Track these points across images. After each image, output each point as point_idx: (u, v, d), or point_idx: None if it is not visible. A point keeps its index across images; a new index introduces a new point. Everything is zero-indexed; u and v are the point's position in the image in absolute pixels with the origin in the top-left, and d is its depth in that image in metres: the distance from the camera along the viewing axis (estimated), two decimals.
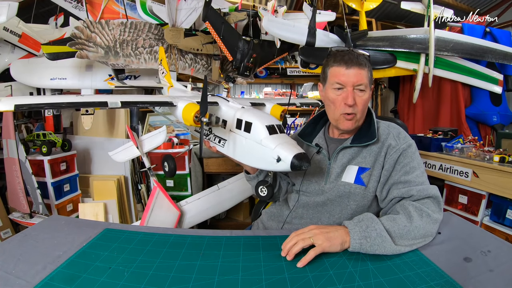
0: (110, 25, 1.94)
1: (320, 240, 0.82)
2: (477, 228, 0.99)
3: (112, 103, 1.04)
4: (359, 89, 1.02)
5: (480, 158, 1.87)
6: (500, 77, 2.54)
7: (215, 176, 2.82)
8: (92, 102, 1.04)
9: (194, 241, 0.93)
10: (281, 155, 0.94)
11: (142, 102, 1.14)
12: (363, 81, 1.01)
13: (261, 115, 1.08)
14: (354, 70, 1.00)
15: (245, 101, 1.41)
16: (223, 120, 1.18)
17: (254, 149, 1.03)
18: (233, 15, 2.19)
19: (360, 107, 1.04)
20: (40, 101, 0.97)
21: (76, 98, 1.05)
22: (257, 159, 1.04)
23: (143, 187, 2.62)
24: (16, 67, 2.34)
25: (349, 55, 1.02)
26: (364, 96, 1.03)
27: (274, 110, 1.48)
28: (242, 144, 1.07)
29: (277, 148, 0.96)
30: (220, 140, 1.19)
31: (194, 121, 1.05)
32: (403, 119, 3.09)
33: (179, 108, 1.13)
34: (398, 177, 1.00)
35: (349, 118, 1.05)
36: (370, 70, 1.05)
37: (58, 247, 0.88)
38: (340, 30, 2.33)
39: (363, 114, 1.07)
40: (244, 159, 1.10)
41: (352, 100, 1.01)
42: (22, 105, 0.91)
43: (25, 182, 2.26)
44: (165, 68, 1.80)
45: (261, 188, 1.12)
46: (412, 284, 0.70)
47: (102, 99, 1.05)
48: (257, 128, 1.02)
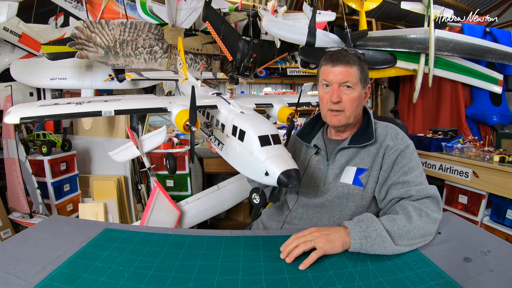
0: (110, 25, 1.95)
1: (321, 242, 0.82)
2: (477, 228, 0.99)
3: (106, 112, 1.08)
4: (345, 86, 1.03)
5: (480, 158, 1.87)
6: (500, 77, 2.54)
7: (215, 176, 2.82)
8: (87, 112, 1.08)
9: (194, 241, 0.93)
10: (269, 170, 0.92)
11: (135, 110, 1.16)
12: (349, 79, 1.02)
13: (256, 123, 1.05)
14: (340, 68, 1.03)
15: (250, 101, 1.37)
16: (221, 124, 1.17)
17: (246, 158, 1.01)
18: (233, 15, 2.19)
19: (348, 105, 1.04)
20: (42, 113, 1.05)
21: (72, 108, 1.10)
22: (248, 169, 1.03)
23: (143, 187, 2.62)
24: (16, 67, 2.34)
25: (338, 54, 1.04)
26: (352, 93, 1.04)
27: (282, 112, 1.42)
28: (236, 151, 1.06)
29: (266, 162, 0.93)
30: (219, 143, 1.19)
31: (184, 128, 1.06)
32: (403, 119, 3.10)
33: (172, 114, 1.13)
34: (396, 177, 1.00)
35: (336, 114, 1.06)
36: (362, 68, 1.05)
37: (58, 247, 0.88)
38: (340, 30, 2.33)
39: (353, 112, 1.06)
40: (237, 166, 1.09)
41: (337, 97, 1.03)
42: (27, 118, 1.03)
43: (25, 182, 2.27)
44: (182, 59, 1.78)
45: (254, 195, 1.10)
46: (412, 284, 0.70)
47: (96, 108, 1.09)
48: (250, 138, 1.00)
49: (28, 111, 1.05)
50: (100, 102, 1.16)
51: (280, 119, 1.43)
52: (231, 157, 1.11)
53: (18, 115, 1.00)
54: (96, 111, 1.08)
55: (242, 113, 1.13)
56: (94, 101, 1.17)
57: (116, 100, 1.18)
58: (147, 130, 2.84)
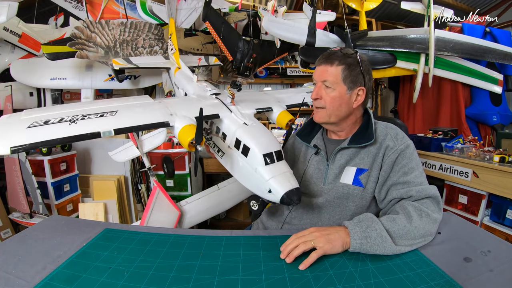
0: (110, 25, 1.95)
1: (321, 243, 0.82)
2: (477, 228, 0.99)
3: (105, 132, 0.98)
4: (325, 85, 1.06)
5: (480, 158, 1.87)
6: (500, 77, 2.54)
7: (215, 176, 2.82)
8: (85, 134, 0.96)
9: (194, 241, 0.93)
10: (273, 188, 0.94)
11: (136, 128, 1.05)
12: (327, 78, 1.04)
13: (261, 139, 1.03)
14: (320, 67, 1.07)
15: (251, 105, 1.33)
16: (223, 133, 1.14)
17: (249, 174, 1.01)
18: (233, 15, 2.19)
19: (327, 103, 1.06)
20: (35, 140, 0.91)
21: (67, 129, 0.96)
22: (250, 183, 1.03)
23: (143, 187, 2.62)
24: (16, 67, 2.34)
25: (327, 53, 1.08)
26: (332, 93, 1.04)
27: (281, 117, 1.41)
28: (239, 164, 1.06)
29: (271, 181, 0.94)
30: (219, 151, 1.17)
31: (189, 146, 1.03)
32: (403, 119, 3.10)
33: (175, 128, 1.09)
34: (397, 178, 1.00)
35: (317, 111, 1.10)
36: (350, 69, 1.03)
37: (58, 247, 0.88)
38: (340, 30, 2.33)
39: (334, 111, 1.06)
40: (239, 178, 1.09)
41: (315, 94, 1.07)
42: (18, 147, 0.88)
43: (25, 182, 2.26)
44: (174, 45, 1.72)
45: (253, 202, 1.09)
46: (412, 284, 0.70)
47: (94, 129, 0.97)
48: (255, 155, 0.99)
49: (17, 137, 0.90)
50: (96, 117, 1.04)
51: (279, 124, 1.42)
52: (232, 168, 1.10)
53: (8, 144, 0.86)
54: (94, 133, 0.97)
55: (245, 125, 1.10)
56: (89, 116, 1.04)
57: (112, 114, 1.09)
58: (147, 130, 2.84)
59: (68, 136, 0.94)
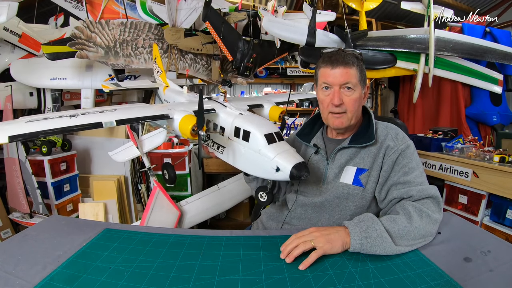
0: (110, 25, 1.94)
1: (321, 242, 0.82)
2: (477, 228, 0.99)
3: (106, 122, 1.01)
4: (346, 88, 1.03)
5: (480, 158, 1.87)
6: (500, 77, 2.54)
7: (215, 176, 2.82)
8: (86, 124, 0.99)
9: (194, 241, 0.93)
10: (280, 165, 0.94)
11: (136, 119, 1.08)
12: (350, 80, 1.02)
13: (259, 122, 1.06)
14: (339, 69, 1.01)
15: (243, 103, 1.39)
16: (221, 127, 1.16)
17: (253, 158, 1.02)
18: (233, 15, 2.19)
19: (349, 106, 1.04)
20: (34, 129, 0.93)
21: (70, 121, 1.00)
22: (256, 168, 1.04)
23: (143, 187, 2.62)
24: (16, 67, 2.34)
25: (336, 55, 1.03)
26: (353, 95, 1.03)
27: (273, 112, 1.47)
28: (241, 152, 1.07)
29: (276, 158, 0.96)
30: (219, 146, 1.18)
31: (191, 134, 1.04)
32: (403, 119, 3.10)
33: (175, 120, 1.11)
34: (397, 178, 1.00)
35: (338, 116, 1.06)
36: (361, 69, 1.04)
37: (58, 247, 0.88)
38: (340, 30, 2.33)
39: (355, 113, 1.06)
40: (244, 167, 1.09)
41: (339, 100, 1.02)
42: (17, 135, 0.89)
43: (25, 182, 2.27)
44: (159, 67, 1.79)
45: (261, 193, 1.11)
46: (412, 284, 0.70)
47: (96, 119, 1.01)
48: (256, 137, 1.01)
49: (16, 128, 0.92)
50: (96, 113, 1.07)
51: (272, 118, 1.46)
52: (235, 159, 1.11)
53: (6, 134, 0.87)
54: (96, 123, 1.00)
55: (241, 114, 1.13)
56: (89, 112, 1.08)
57: (111, 111, 1.12)
58: (147, 130, 2.85)
59: (69, 126, 0.96)
